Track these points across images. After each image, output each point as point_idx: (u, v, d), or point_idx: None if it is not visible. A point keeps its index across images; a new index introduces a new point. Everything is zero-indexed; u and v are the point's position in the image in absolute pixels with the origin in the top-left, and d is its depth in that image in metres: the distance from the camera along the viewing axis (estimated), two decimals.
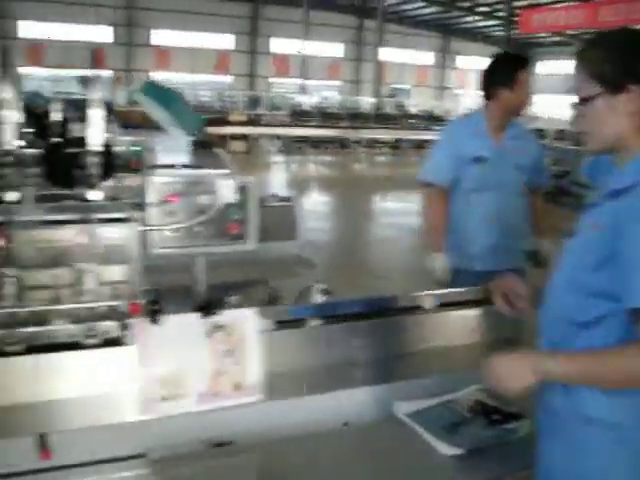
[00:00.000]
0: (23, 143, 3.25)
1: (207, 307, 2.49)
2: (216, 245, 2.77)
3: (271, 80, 41.51)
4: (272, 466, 2.17)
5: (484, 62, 4.30)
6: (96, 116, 2.51)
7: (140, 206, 2.58)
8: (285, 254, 4.14)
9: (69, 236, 2.40)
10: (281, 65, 41.75)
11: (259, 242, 2.96)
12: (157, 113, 2.60)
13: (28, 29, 36.55)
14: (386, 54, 38.04)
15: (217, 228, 2.77)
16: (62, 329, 2.32)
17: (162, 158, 2.70)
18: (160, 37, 39.20)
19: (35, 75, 33.76)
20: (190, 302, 2.68)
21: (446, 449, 2.33)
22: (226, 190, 2.66)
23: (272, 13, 39.98)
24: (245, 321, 2.36)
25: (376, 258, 11.08)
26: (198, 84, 35.99)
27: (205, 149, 2.82)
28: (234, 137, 23.56)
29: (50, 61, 35.83)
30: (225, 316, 2.37)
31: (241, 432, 2.36)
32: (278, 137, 25.78)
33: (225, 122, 23.78)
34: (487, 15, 39.87)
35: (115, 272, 2.45)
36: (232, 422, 2.40)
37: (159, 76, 36.82)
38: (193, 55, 38.83)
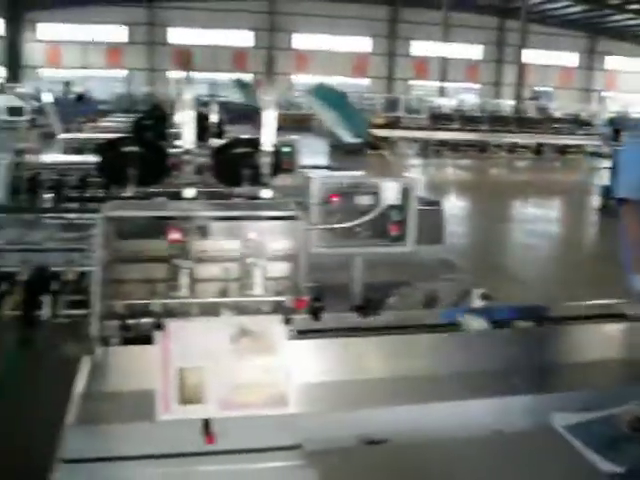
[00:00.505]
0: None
1: (366, 307, 2.52)
2: (376, 246, 2.80)
3: (410, 83, 41.34)
4: (424, 467, 2.16)
5: (635, 63, 4.10)
6: (268, 118, 2.59)
7: (303, 205, 2.64)
8: (431, 258, 4.12)
9: (238, 232, 2.49)
10: (420, 67, 41.50)
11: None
12: (325, 115, 2.67)
13: (176, 35, 38.46)
14: (528, 55, 36.88)
15: (377, 229, 2.80)
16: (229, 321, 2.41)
17: (305, 159, 2.78)
18: (299, 41, 40.00)
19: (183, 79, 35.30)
20: (347, 301, 2.72)
21: (606, 466, 2.23)
22: (390, 192, 2.68)
23: (411, 15, 39.82)
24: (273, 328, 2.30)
25: (517, 264, 10.78)
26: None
27: (371, 150, 2.84)
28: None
29: (197, 65, 37.49)
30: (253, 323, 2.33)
31: (395, 432, 2.36)
32: (416, 140, 25.61)
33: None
34: (639, 13, 37.79)
35: (280, 268, 2.51)
36: (387, 421, 2.41)
37: (298, 79, 37.60)
38: (331, 58, 39.35)
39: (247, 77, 34.48)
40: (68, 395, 1.96)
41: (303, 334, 2.45)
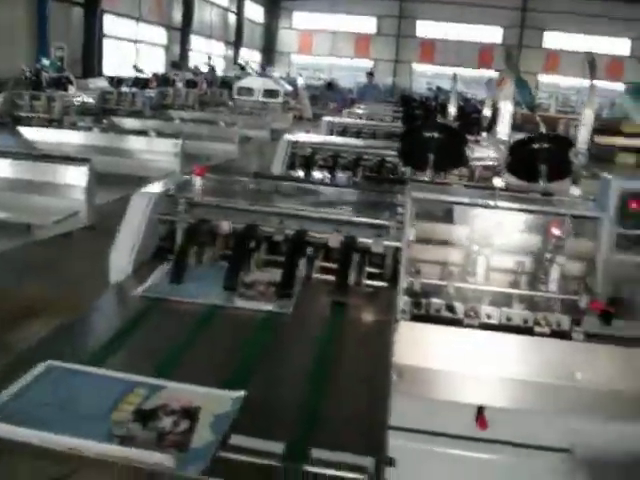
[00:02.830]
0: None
1: None
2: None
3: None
4: None
5: None
6: (589, 117, 2.57)
7: (600, 206, 2.58)
8: None
9: (537, 226, 2.51)
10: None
11: None
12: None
13: (425, 28, 38.71)
14: None
15: None
16: (517, 313, 2.43)
17: None
18: (550, 39, 38.40)
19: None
20: None
21: None
22: None
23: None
24: None
25: None
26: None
27: None
28: (625, 149, 22.09)
29: (440, 59, 37.46)
30: None
31: None
32: None
33: (616, 132, 22.35)
34: None
35: (578, 268, 2.48)
36: None
37: (546, 79, 36.14)
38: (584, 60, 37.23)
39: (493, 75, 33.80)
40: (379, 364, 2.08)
41: (591, 337, 2.40)
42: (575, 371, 2.36)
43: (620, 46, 38.31)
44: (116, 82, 15.78)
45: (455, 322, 2.45)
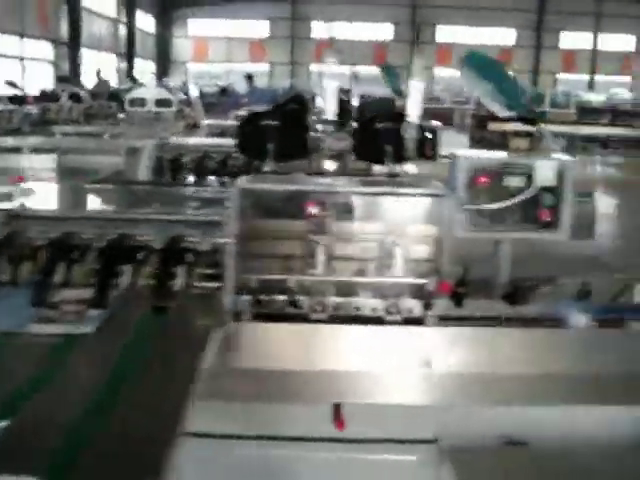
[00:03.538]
0: None
1: (514, 295, 2.32)
2: (526, 231, 2.58)
3: (558, 76, 39.62)
4: (565, 474, 1.94)
5: None
6: (416, 89, 2.44)
7: (449, 186, 2.48)
8: (579, 253, 3.81)
9: (379, 210, 2.35)
10: (568, 60, 39.67)
11: None
12: (478, 86, 2.47)
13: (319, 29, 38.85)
14: None
15: (528, 214, 2.59)
16: (366, 302, 2.28)
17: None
18: (442, 33, 39.35)
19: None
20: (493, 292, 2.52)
21: None
22: (544, 172, 2.45)
23: (560, 6, 38.09)
24: None
25: None
26: None
27: (529, 124, 2.62)
28: (517, 134, 22.85)
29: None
30: None
31: (535, 434, 2.15)
32: (562, 135, 24.45)
33: (494, 119, 23.07)
34: None
35: (424, 250, 2.36)
36: (527, 423, 2.20)
37: (442, 72, 37.00)
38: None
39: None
40: (196, 368, 1.90)
41: (444, 320, 2.28)
42: (432, 357, 2.24)
43: (508, 36, 39.83)
44: None
45: (303, 318, 2.29)
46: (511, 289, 2.39)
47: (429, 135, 3.64)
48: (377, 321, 2.28)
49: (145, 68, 36.68)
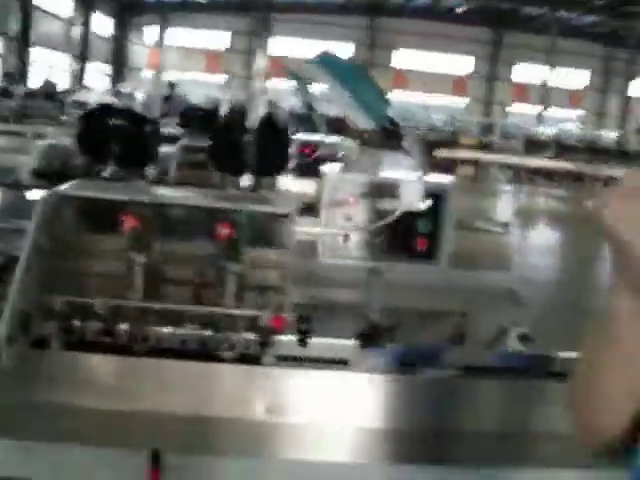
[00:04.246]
0: None
1: (371, 335, 2.01)
2: (397, 261, 2.29)
3: (509, 109, 40.11)
4: None
5: None
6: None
7: (311, 206, 2.17)
8: (494, 285, 3.55)
9: (222, 228, 2.02)
10: (520, 92, 40.20)
11: (462, 267, 2.44)
12: (335, 91, 2.16)
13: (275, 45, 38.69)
14: (636, 86, 35.07)
15: (401, 241, 2.30)
16: (195, 334, 1.96)
17: None
18: (399, 59, 39.59)
19: None
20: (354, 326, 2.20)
21: None
22: (412, 194, 2.16)
23: (516, 39, 38.63)
24: None
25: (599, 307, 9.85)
26: (432, 107, 35.64)
27: (392, 141, 2.34)
28: (463, 161, 22.94)
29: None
30: None
31: None
32: (509, 166, 24.63)
33: (455, 144, 23.17)
34: None
35: (264, 277, 2.03)
36: None
37: (395, 96, 37.13)
38: (430, 77, 38.60)
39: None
40: None
41: (284, 360, 1.96)
42: (263, 402, 1.91)
43: (464, 64, 40.33)
44: None
45: (123, 349, 1.95)
46: (368, 327, 2.08)
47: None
48: (210, 356, 1.95)
49: (100, 71, 35.94)
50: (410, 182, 2.16)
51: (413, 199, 2.14)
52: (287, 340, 1.98)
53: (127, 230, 1.87)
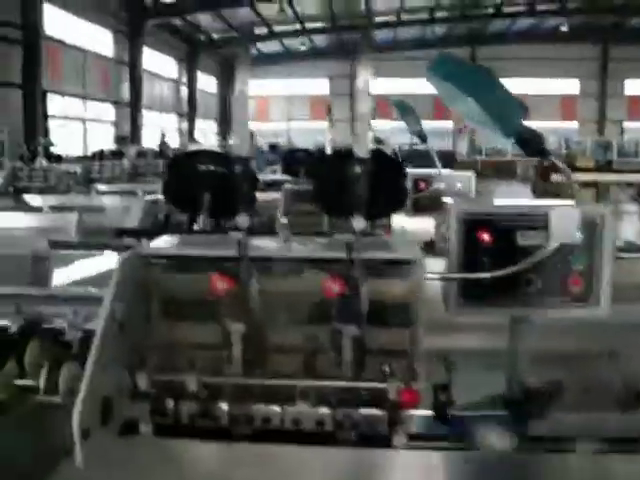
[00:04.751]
0: None
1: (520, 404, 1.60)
2: (546, 307, 1.87)
3: (624, 125, 38.25)
4: None
5: None
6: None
7: (431, 244, 1.80)
8: None
9: (324, 281, 1.67)
10: (635, 107, 38.33)
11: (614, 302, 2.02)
12: (455, 100, 1.79)
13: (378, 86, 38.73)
14: None
15: (550, 282, 1.88)
16: (307, 412, 1.61)
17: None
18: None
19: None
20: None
21: None
22: (565, 225, 1.74)
23: (624, 53, 36.98)
24: None
25: None
26: (543, 130, 34.41)
27: (530, 149, 1.93)
28: (582, 184, 21.93)
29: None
30: None
31: None
32: (630, 184, 23.26)
33: (572, 168, 22.14)
34: None
35: (390, 337, 1.66)
36: None
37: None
38: (537, 101, 37.48)
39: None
40: None
41: (417, 440, 1.58)
42: None
43: (571, 85, 39.10)
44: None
45: (224, 432, 1.63)
46: (519, 395, 1.66)
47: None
48: (325, 438, 1.60)
49: (207, 128, 37.12)
50: (564, 210, 1.75)
51: (568, 230, 1.73)
52: (422, 415, 1.59)
53: (221, 292, 1.56)
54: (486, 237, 1.88)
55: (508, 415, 1.69)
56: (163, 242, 1.79)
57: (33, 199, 9.86)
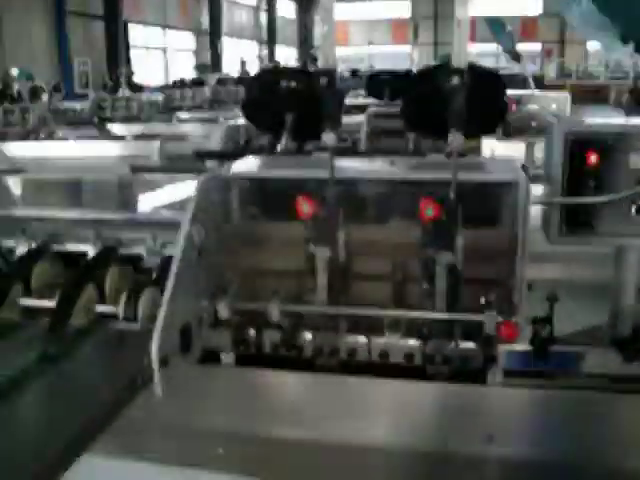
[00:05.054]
0: None
1: (631, 343, 1.47)
2: None
3: None
4: None
5: None
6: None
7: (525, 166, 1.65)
8: None
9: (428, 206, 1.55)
10: None
11: None
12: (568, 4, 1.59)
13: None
14: None
15: None
16: (396, 344, 1.52)
17: None
18: None
19: None
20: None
21: None
22: None
23: None
24: None
25: None
26: None
27: None
28: None
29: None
30: None
31: None
32: None
33: None
34: None
35: (488, 265, 1.54)
36: None
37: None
38: None
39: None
40: None
41: (513, 376, 1.47)
42: (487, 430, 1.43)
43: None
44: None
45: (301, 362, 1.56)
46: (630, 333, 1.52)
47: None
48: (414, 372, 1.51)
49: (287, 55, 36.73)
50: None
51: None
52: (519, 351, 1.48)
53: (306, 216, 1.46)
54: (594, 159, 1.71)
55: (614, 353, 1.55)
56: (245, 164, 1.70)
57: (117, 128, 10.03)
